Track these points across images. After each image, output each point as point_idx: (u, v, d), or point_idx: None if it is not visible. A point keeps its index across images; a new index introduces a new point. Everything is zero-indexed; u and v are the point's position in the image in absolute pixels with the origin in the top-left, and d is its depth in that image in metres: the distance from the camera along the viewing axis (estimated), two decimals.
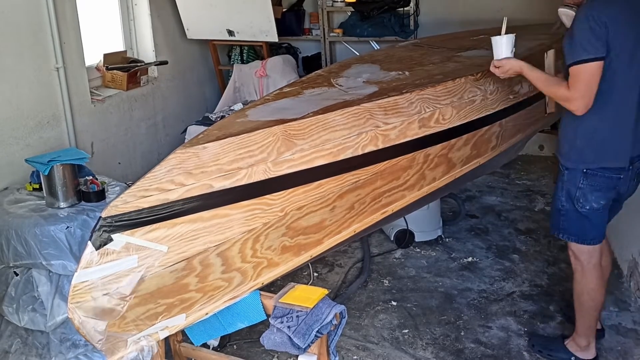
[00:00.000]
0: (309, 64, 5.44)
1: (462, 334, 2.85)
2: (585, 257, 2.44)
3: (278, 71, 4.58)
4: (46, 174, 2.53)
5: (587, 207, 2.35)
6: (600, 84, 2.15)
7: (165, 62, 4.36)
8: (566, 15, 2.42)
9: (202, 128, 3.44)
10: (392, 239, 3.68)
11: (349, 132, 2.09)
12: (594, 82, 2.14)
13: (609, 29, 2.10)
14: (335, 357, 2.09)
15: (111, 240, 1.64)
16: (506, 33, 2.42)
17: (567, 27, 2.37)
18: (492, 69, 2.44)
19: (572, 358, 2.58)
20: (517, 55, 2.44)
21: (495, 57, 2.41)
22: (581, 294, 2.49)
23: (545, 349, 2.67)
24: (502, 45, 2.39)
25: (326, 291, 2.07)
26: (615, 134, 2.26)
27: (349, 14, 5.29)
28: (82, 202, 2.63)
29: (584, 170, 2.31)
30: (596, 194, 2.33)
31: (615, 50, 2.13)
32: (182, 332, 2.10)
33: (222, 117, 4.03)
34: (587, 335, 2.56)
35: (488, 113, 2.65)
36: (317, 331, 1.92)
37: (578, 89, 2.14)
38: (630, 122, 2.26)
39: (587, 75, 2.12)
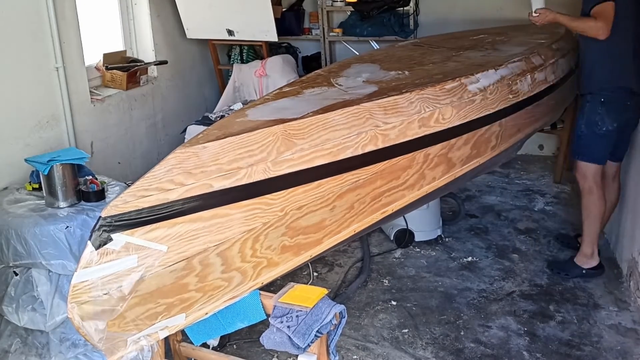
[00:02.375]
0: (309, 64, 5.44)
1: (462, 333, 2.85)
2: (591, 174, 3.14)
3: (278, 71, 4.58)
4: (46, 173, 2.53)
5: (604, 129, 3.06)
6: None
7: (165, 62, 4.35)
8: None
9: (202, 128, 3.43)
10: (391, 238, 3.68)
11: (349, 131, 2.09)
12: (612, 15, 2.89)
13: None
14: (335, 356, 2.09)
15: (111, 240, 1.64)
16: None
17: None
18: (531, 18, 3.18)
19: (584, 271, 3.23)
20: None
21: (534, 7, 3.14)
22: (588, 205, 3.18)
23: (563, 270, 3.29)
24: None
25: (326, 291, 2.07)
26: (621, 61, 3.03)
27: (349, 13, 5.29)
28: (82, 202, 2.63)
29: (602, 100, 3.05)
30: (611, 117, 3.05)
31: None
32: (182, 331, 2.10)
33: (222, 116, 4.03)
34: (592, 242, 3.21)
35: (488, 113, 2.65)
36: (317, 331, 1.92)
37: (602, 19, 2.89)
38: (629, 52, 3.03)
39: (607, 9, 2.88)
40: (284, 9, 5.24)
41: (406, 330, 2.88)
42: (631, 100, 3.06)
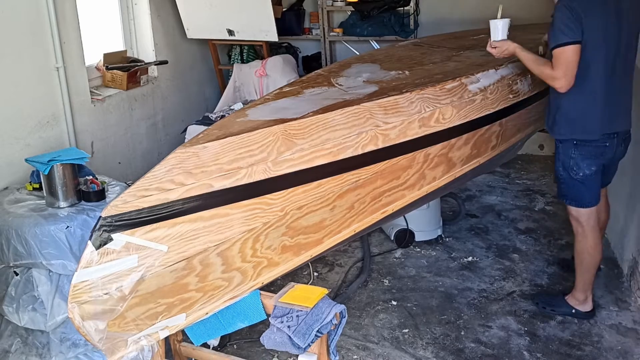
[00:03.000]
0: (309, 64, 5.44)
1: (462, 333, 2.85)
2: (584, 219, 2.76)
3: (278, 71, 4.58)
4: (46, 173, 2.53)
5: (581, 174, 2.67)
6: (578, 66, 2.48)
7: (165, 62, 4.35)
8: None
9: (202, 128, 3.43)
10: (392, 238, 3.67)
11: (349, 131, 2.09)
12: (574, 62, 2.45)
13: (583, 18, 2.43)
14: (335, 356, 2.09)
15: (111, 239, 1.64)
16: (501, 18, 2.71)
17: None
18: (489, 49, 2.75)
19: (573, 311, 2.90)
20: None
21: (493, 38, 2.72)
22: (582, 252, 2.81)
23: (549, 305, 2.97)
24: (499, 28, 2.69)
25: (326, 291, 2.07)
26: (588, 111, 2.59)
27: (349, 13, 5.29)
28: (82, 202, 2.63)
29: (574, 142, 2.64)
30: (587, 162, 2.64)
31: (588, 37, 2.45)
32: (182, 331, 2.10)
33: (222, 116, 4.03)
34: (585, 289, 2.88)
35: (488, 112, 2.65)
36: (317, 331, 1.92)
37: (560, 68, 2.46)
38: (600, 100, 2.57)
39: (567, 55, 2.44)
40: (284, 9, 5.24)
41: (406, 330, 2.88)
42: (609, 139, 2.63)
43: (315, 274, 3.40)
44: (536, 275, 3.33)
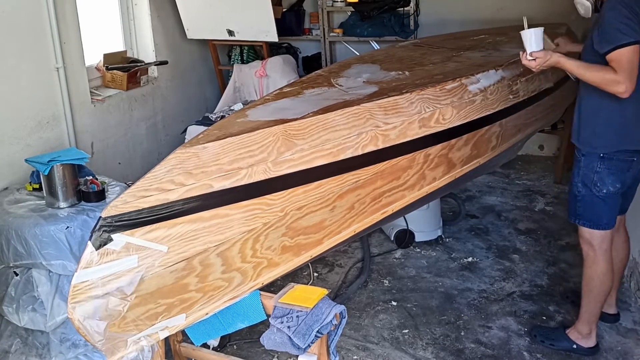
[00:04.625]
0: (309, 64, 5.44)
1: (462, 334, 2.85)
2: (597, 242, 2.52)
3: (278, 71, 4.58)
4: (46, 174, 2.53)
5: (605, 191, 2.44)
6: None
7: (165, 62, 4.35)
8: (582, 4, 2.47)
9: (202, 128, 3.43)
10: (392, 239, 3.67)
11: (349, 132, 2.09)
12: (636, 64, 2.20)
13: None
14: (335, 357, 2.09)
15: (111, 240, 1.64)
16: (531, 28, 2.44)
17: (583, 16, 2.50)
18: (525, 62, 2.43)
19: (575, 346, 2.64)
20: None
21: (529, 50, 2.40)
22: (591, 279, 2.56)
23: (548, 339, 2.73)
24: (533, 38, 2.40)
25: (326, 291, 2.06)
26: (632, 121, 2.37)
27: (349, 13, 5.29)
28: (82, 202, 2.63)
29: (601, 155, 2.42)
30: (612, 177, 2.42)
31: None
32: (182, 332, 2.10)
33: (222, 117, 4.03)
34: (591, 322, 2.61)
35: (488, 113, 2.65)
36: (317, 331, 1.92)
37: (624, 70, 2.19)
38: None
39: (629, 57, 2.18)
40: (284, 9, 5.24)
41: (406, 331, 2.88)
42: (637, 154, 2.43)
43: (315, 274, 3.40)
44: (536, 275, 3.33)
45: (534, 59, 2.38)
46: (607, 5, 2.26)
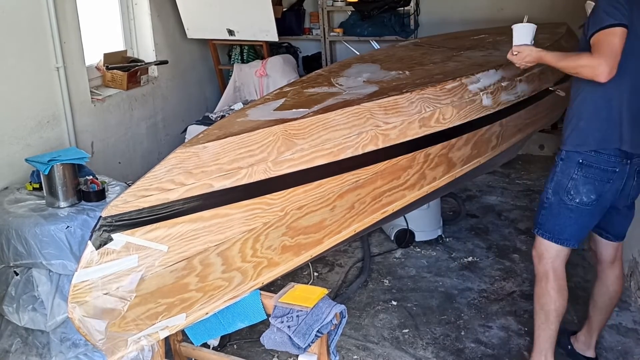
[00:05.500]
0: (309, 64, 5.45)
1: (463, 333, 2.85)
2: (550, 257, 2.32)
3: (278, 71, 4.58)
4: (46, 173, 2.53)
5: (577, 200, 2.24)
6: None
7: (165, 62, 4.36)
8: (591, 8, 2.31)
9: (202, 128, 3.43)
10: (392, 238, 3.67)
11: (349, 131, 2.09)
12: (619, 46, 2.02)
13: (633, 8, 2.07)
14: (335, 356, 2.09)
15: (111, 239, 1.64)
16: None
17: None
18: (509, 56, 2.37)
19: None
20: None
21: (514, 43, 2.34)
22: (541, 296, 2.37)
23: None
24: (522, 32, 2.35)
25: (326, 291, 2.06)
26: (622, 115, 2.17)
27: (349, 13, 5.29)
28: (82, 202, 2.63)
29: (580, 161, 2.23)
30: (589, 187, 2.22)
31: (634, 29, 2.07)
32: (182, 331, 2.10)
33: (222, 116, 4.03)
34: (544, 350, 2.37)
35: (488, 113, 2.64)
36: (318, 331, 1.92)
37: (602, 52, 2.02)
38: (624, 101, 2.17)
39: (611, 38, 2.02)
40: (284, 9, 5.25)
41: (407, 331, 2.88)
42: (620, 165, 2.19)
43: (316, 274, 3.40)
44: None
45: (517, 54, 2.33)
46: None
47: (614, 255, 2.47)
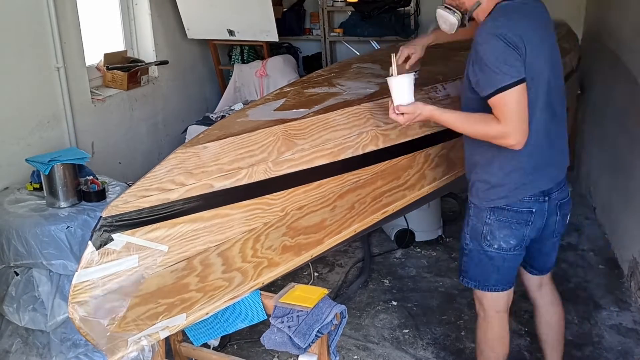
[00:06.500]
0: (310, 64, 5.44)
1: (463, 333, 2.85)
2: (488, 304, 2.16)
3: (278, 71, 4.58)
4: (47, 173, 2.53)
5: (496, 246, 2.04)
6: None
7: (165, 62, 4.35)
8: (445, 20, 2.08)
9: (203, 128, 3.44)
10: (392, 238, 3.67)
11: (350, 131, 2.09)
12: (524, 107, 1.81)
13: (526, 47, 1.82)
14: (335, 357, 2.09)
15: (112, 240, 1.64)
16: (400, 73, 2.02)
17: (446, 32, 2.12)
18: (393, 116, 1.99)
19: None
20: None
21: (396, 102, 1.97)
22: (481, 341, 2.22)
23: None
24: (403, 86, 1.96)
25: (326, 291, 2.07)
26: (537, 162, 1.96)
27: (350, 13, 5.29)
28: (83, 202, 2.63)
29: (491, 206, 2.01)
30: (505, 232, 2.02)
31: (531, 69, 1.84)
32: (183, 332, 2.10)
33: (223, 116, 4.03)
34: None
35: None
36: (318, 331, 1.92)
37: (511, 119, 1.80)
38: (545, 147, 1.96)
39: (515, 101, 1.79)
40: (284, 9, 5.24)
41: (407, 331, 2.88)
42: (537, 204, 1.99)
43: (316, 274, 3.40)
44: None
45: (402, 115, 1.97)
46: (478, 39, 1.86)
47: (540, 282, 2.30)
